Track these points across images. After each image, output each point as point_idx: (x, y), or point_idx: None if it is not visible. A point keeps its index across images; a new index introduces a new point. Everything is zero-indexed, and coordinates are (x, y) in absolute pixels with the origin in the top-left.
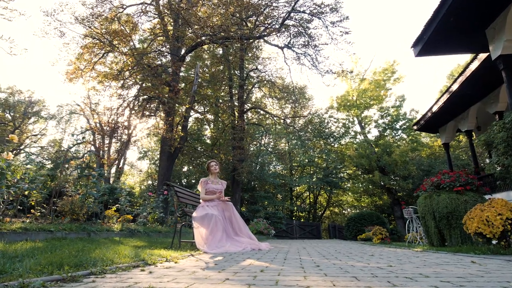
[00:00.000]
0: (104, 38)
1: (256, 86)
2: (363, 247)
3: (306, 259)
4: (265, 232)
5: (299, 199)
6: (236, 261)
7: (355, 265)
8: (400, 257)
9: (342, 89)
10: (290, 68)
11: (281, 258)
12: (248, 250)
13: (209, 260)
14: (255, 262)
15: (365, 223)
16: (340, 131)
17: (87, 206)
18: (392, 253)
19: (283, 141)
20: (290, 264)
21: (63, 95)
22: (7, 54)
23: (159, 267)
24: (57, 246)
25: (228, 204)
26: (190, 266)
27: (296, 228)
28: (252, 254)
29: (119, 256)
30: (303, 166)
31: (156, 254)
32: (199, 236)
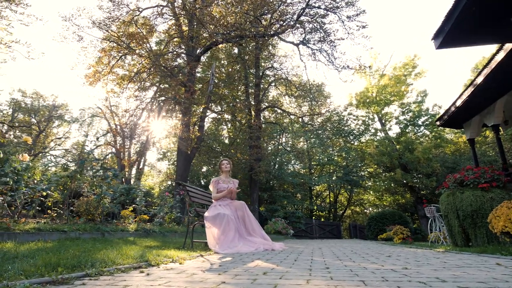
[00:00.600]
0: (121, 41)
1: (273, 85)
2: (382, 247)
3: (318, 260)
4: (283, 232)
5: (319, 198)
6: (243, 262)
7: (368, 267)
8: (419, 259)
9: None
10: (306, 65)
11: (292, 259)
12: (260, 250)
13: (216, 261)
14: (263, 264)
15: (387, 222)
16: (360, 128)
17: (102, 206)
18: (411, 254)
19: (302, 139)
20: (299, 266)
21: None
22: (25, 58)
23: (161, 268)
24: (65, 247)
25: (241, 203)
26: (193, 267)
27: (315, 227)
28: (264, 254)
29: (124, 257)
30: (323, 165)
31: (163, 255)
32: (211, 236)
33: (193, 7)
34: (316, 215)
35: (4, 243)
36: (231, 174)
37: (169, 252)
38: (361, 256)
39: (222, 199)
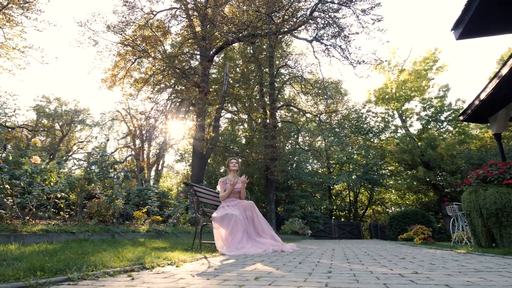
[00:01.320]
0: (135, 44)
1: (288, 83)
2: (400, 248)
3: (324, 263)
4: (301, 232)
5: (339, 197)
6: (243, 265)
7: (375, 271)
8: (435, 261)
9: (379, 82)
10: (320, 62)
11: (296, 262)
12: (269, 251)
13: (215, 264)
14: (262, 267)
15: (409, 222)
16: (379, 125)
17: (114, 208)
18: (429, 255)
19: (319, 138)
20: (299, 270)
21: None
22: (39, 63)
23: (153, 272)
24: (65, 249)
25: (249, 203)
26: (186, 271)
27: (334, 227)
28: (270, 256)
29: (119, 260)
30: (342, 164)
31: (163, 257)
32: (219, 237)
33: (203, 7)
34: (336, 215)
35: (6, 245)
36: (240, 174)
37: (172, 254)
38: (373, 258)
39: (231, 199)
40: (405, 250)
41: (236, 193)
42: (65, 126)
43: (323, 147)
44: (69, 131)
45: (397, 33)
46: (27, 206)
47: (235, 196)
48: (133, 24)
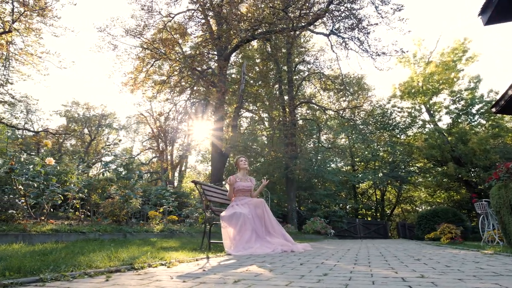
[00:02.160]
0: (153, 47)
1: (307, 80)
2: (422, 249)
3: (327, 265)
4: (323, 231)
5: (365, 196)
6: (239, 266)
7: (378, 273)
8: (453, 263)
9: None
10: (339, 56)
11: (298, 263)
12: (278, 251)
13: (211, 265)
14: (256, 269)
15: (439, 220)
16: (405, 121)
17: (127, 207)
18: (449, 256)
19: (343, 135)
20: (295, 272)
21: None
22: (57, 68)
23: (137, 272)
24: (67, 248)
25: (259, 201)
26: (172, 272)
27: (359, 227)
28: (275, 256)
29: (110, 260)
30: (367, 161)
31: (159, 257)
32: (227, 236)
33: (218, 5)
34: (362, 214)
35: (10, 245)
36: (248, 172)
37: (173, 254)
38: (385, 260)
39: (240, 197)
40: (426, 251)
41: (246, 192)
42: (93, 130)
43: (346, 144)
44: (97, 134)
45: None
46: (43, 206)
47: (245, 194)
48: (152, 27)
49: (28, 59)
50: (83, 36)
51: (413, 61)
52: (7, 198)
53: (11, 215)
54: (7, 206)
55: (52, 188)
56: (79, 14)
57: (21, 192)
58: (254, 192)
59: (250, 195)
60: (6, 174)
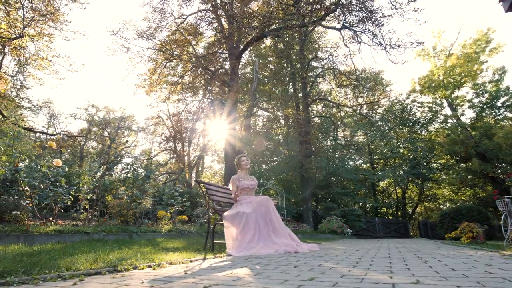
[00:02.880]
0: (165, 48)
1: (320, 76)
2: (437, 249)
3: (322, 267)
4: (339, 231)
5: (385, 194)
6: (227, 269)
7: (370, 278)
8: (462, 266)
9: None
10: (353, 50)
11: (291, 266)
12: (281, 252)
13: (200, 267)
14: (242, 272)
15: (463, 218)
16: (426, 116)
17: (134, 208)
18: (461, 258)
19: (361, 132)
20: (283, 275)
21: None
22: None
23: (114, 276)
24: (62, 249)
25: (264, 198)
26: (153, 275)
27: (379, 226)
28: (273, 258)
29: (94, 261)
30: (386, 159)
31: (150, 258)
32: (230, 236)
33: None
34: (382, 212)
35: (8, 246)
36: (249, 172)
37: (169, 255)
38: (389, 262)
39: (245, 196)
40: (440, 251)
41: (250, 190)
42: (113, 132)
43: (364, 141)
44: (116, 137)
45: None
46: (52, 207)
47: (249, 193)
48: (164, 29)
49: (43, 64)
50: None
51: (433, 54)
52: (12, 199)
53: (15, 216)
54: (12, 207)
55: (56, 189)
56: (90, 18)
57: (26, 193)
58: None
59: (254, 193)
60: (11, 176)
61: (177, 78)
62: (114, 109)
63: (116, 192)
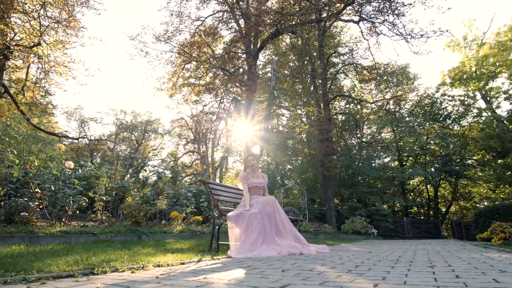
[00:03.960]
0: (183, 50)
1: (341, 72)
2: (460, 251)
3: (312, 272)
4: (363, 231)
5: (415, 193)
6: (203, 273)
7: (350, 287)
8: (470, 272)
9: (454, 61)
10: (375, 43)
11: (280, 270)
12: (284, 254)
13: (180, 271)
14: (214, 277)
15: (500, 218)
16: (458, 110)
17: (145, 209)
18: (478, 262)
19: (389, 129)
20: (254, 281)
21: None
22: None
23: (77, 279)
24: (56, 250)
25: (270, 199)
26: (117, 279)
27: (407, 226)
28: (271, 261)
29: (73, 263)
30: (416, 156)
31: (137, 261)
32: (233, 237)
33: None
34: (413, 212)
35: (9, 247)
36: (257, 169)
37: (164, 257)
38: (391, 266)
39: (252, 196)
40: (460, 254)
41: (259, 189)
42: (140, 136)
43: (392, 138)
44: (143, 140)
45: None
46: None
47: (257, 192)
48: (183, 32)
49: (59, 70)
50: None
51: (463, 44)
52: (20, 201)
53: (24, 217)
54: (20, 209)
55: (65, 190)
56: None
57: (37, 195)
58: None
59: (263, 193)
60: (22, 178)
61: (196, 80)
62: (140, 113)
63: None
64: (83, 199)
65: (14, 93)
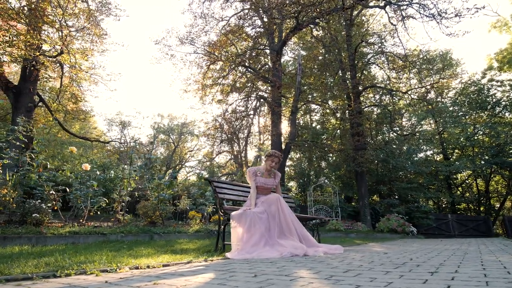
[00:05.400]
0: (206, 51)
1: (372, 62)
2: (492, 253)
3: (283, 280)
4: (399, 230)
5: (464, 188)
6: (178, 276)
7: None
8: (476, 278)
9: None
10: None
11: (247, 277)
12: (287, 256)
13: (147, 274)
14: (163, 284)
15: None
16: (509, 96)
17: (160, 209)
18: (496, 265)
19: (430, 120)
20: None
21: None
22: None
23: (20, 283)
24: (47, 251)
25: (274, 197)
26: (62, 283)
27: (453, 223)
28: (261, 263)
29: (45, 265)
30: (462, 148)
31: (114, 261)
32: (235, 237)
33: None
34: (460, 208)
35: (12, 247)
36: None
37: (149, 259)
38: (385, 271)
39: (260, 195)
40: (490, 256)
41: (266, 190)
42: (176, 138)
43: (434, 130)
44: (179, 142)
45: None
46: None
47: (263, 192)
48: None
49: (81, 76)
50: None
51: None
52: (33, 202)
53: (35, 218)
54: (33, 210)
55: (81, 192)
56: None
57: (51, 196)
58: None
59: (271, 192)
60: (37, 180)
61: (223, 80)
62: (176, 116)
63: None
64: (103, 200)
65: (48, 102)
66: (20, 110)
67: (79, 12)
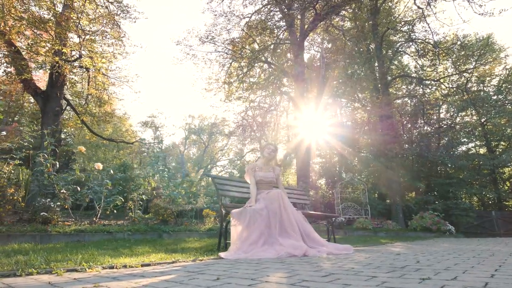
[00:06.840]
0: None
1: (402, 51)
2: None
3: (267, 284)
4: (434, 228)
5: (510, 182)
6: (140, 277)
7: None
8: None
9: None
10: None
11: (207, 280)
12: (283, 256)
13: (107, 274)
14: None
15: None
16: None
17: (172, 207)
18: None
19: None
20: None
21: None
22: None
23: None
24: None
25: (276, 193)
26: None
27: (497, 222)
28: (249, 265)
29: (12, 264)
30: (509, 139)
31: (93, 261)
32: (235, 235)
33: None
34: (508, 205)
35: (11, 245)
36: (271, 161)
37: (139, 258)
38: (367, 277)
39: (260, 190)
40: (510, 260)
41: (267, 184)
42: (206, 138)
43: (476, 122)
44: (209, 141)
45: None
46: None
47: (265, 187)
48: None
49: (100, 78)
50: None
51: None
52: (43, 201)
53: (44, 217)
54: (41, 209)
55: (87, 191)
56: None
57: (61, 195)
58: (279, 184)
59: (272, 187)
60: (47, 181)
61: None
62: (207, 117)
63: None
64: (119, 199)
65: (76, 105)
66: (48, 114)
67: (99, 17)
